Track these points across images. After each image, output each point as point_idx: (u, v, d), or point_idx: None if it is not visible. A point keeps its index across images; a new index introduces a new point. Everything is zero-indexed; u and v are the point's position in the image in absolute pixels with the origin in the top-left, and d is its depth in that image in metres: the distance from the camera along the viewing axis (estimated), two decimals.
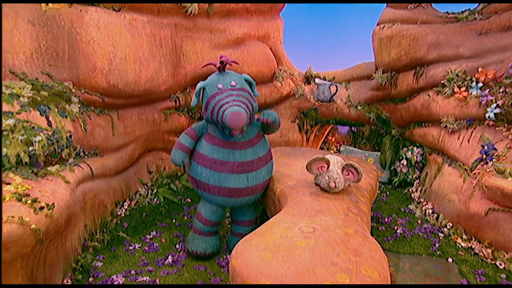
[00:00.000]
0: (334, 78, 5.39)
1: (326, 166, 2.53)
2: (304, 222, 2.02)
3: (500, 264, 2.70)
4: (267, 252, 1.78)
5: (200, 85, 2.63)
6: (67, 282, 2.40)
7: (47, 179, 2.44)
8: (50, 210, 2.09)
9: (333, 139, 5.91)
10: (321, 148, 5.80)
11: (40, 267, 2.13)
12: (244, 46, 4.60)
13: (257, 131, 2.74)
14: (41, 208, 2.03)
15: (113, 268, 2.73)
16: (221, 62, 2.60)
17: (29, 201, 2.02)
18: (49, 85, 3.03)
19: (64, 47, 3.17)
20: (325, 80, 5.34)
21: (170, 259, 2.88)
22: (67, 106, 3.06)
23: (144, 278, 2.60)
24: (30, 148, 2.47)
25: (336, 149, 5.80)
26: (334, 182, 2.45)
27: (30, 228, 1.90)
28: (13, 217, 1.86)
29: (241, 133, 2.52)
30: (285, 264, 1.67)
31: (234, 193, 2.69)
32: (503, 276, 2.60)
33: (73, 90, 3.17)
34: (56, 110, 2.94)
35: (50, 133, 2.69)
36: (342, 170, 2.51)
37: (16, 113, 2.62)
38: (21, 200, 2.03)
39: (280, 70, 5.01)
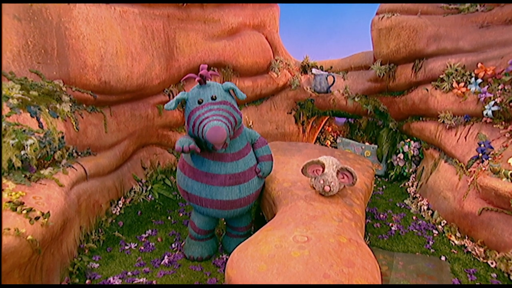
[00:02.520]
0: (331, 67, 5.38)
1: (321, 169, 2.58)
2: (298, 231, 2.09)
3: (492, 263, 2.81)
4: (262, 263, 1.85)
5: (181, 95, 2.57)
6: None
7: (41, 183, 2.47)
8: (46, 219, 2.14)
9: (330, 129, 5.96)
10: (318, 138, 5.86)
11: (37, 274, 2.20)
12: (239, 36, 4.56)
13: (246, 141, 2.75)
14: (37, 218, 2.07)
15: (109, 270, 2.81)
16: (201, 76, 2.54)
17: (24, 211, 2.06)
18: (39, 84, 3.02)
19: (52, 43, 3.13)
20: (322, 69, 5.33)
21: (166, 259, 2.96)
22: (58, 106, 3.06)
23: (141, 280, 2.68)
24: (22, 152, 2.50)
25: (333, 139, 5.85)
26: (329, 186, 2.50)
27: (26, 239, 1.95)
28: (9, 229, 1.91)
29: (224, 147, 2.51)
30: (279, 277, 1.74)
31: (227, 205, 2.72)
32: (494, 275, 2.72)
33: (64, 89, 3.16)
34: (47, 110, 2.94)
35: (41, 135, 2.71)
36: (337, 173, 2.57)
37: (6, 116, 2.62)
38: (16, 210, 2.07)
39: (276, 60, 4.99)
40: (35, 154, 2.57)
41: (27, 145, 2.52)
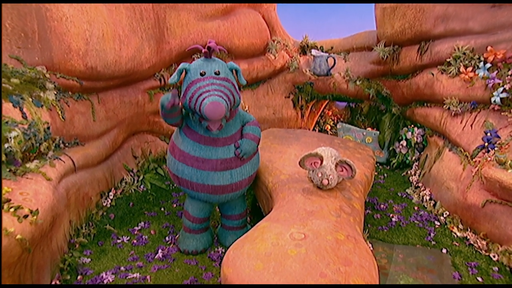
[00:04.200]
0: (332, 48, 5.36)
1: (319, 161, 2.62)
2: (295, 228, 2.15)
3: (494, 256, 2.91)
4: (258, 261, 1.91)
5: (183, 65, 2.64)
6: (55, 283, 2.55)
7: (27, 178, 2.51)
8: (35, 217, 2.18)
9: (330, 113, 5.98)
10: (317, 122, 5.89)
11: (27, 272, 2.26)
12: (234, 16, 4.51)
13: (239, 125, 2.80)
14: (25, 216, 2.11)
15: (101, 265, 2.88)
16: (208, 48, 2.61)
17: (12, 209, 2.10)
18: (20, 71, 2.99)
19: (33, 26, 3.08)
20: (322, 50, 5.31)
21: (160, 253, 3.04)
22: (42, 94, 3.05)
23: (135, 275, 2.76)
24: (6, 145, 2.51)
25: (333, 123, 5.89)
26: (327, 179, 2.55)
27: (15, 238, 1.99)
28: None
29: (219, 129, 2.57)
30: (275, 276, 1.81)
31: (219, 190, 2.78)
32: (496, 268, 2.82)
33: (47, 75, 3.14)
34: (30, 99, 2.94)
35: (26, 126, 2.72)
36: (336, 166, 2.61)
37: None
38: (3, 208, 2.11)
39: (274, 41, 4.96)
40: (19, 146, 2.58)
41: (10, 138, 2.54)
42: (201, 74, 2.54)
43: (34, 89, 3.02)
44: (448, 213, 3.45)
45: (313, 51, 5.16)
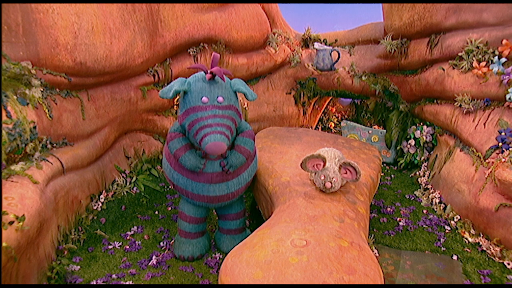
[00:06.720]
0: (336, 40, 5.35)
1: (322, 163, 2.63)
2: (296, 234, 2.15)
3: (508, 264, 2.91)
4: (258, 270, 1.92)
5: (181, 86, 2.57)
6: None
7: (12, 181, 2.51)
8: (21, 223, 2.18)
9: (334, 110, 5.99)
10: (320, 120, 5.90)
11: (12, 282, 2.26)
12: (232, 7, 4.50)
13: (235, 135, 2.83)
14: (11, 222, 2.12)
15: (92, 272, 2.89)
16: (212, 74, 2.59)
17: None
18: (4, 67, 2.99)
19: (16, 18, 3.06)
20: (325, 43, 5.30)
21: (154, 259, 3.04)
22: (27, 91, 3.05)
23: (127, 283, 2.77)
24: None
25: (337, 121, 5.90)
26: (331, 182, 2.56)
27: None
28: None
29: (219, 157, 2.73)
30: (276, 285, 1.82)
31: (214, 200, 2.87)
32: (510, 277, 2.82)
33: (33, 71, 3.13)
34: (15, 97, 2.93)
35: (10, 126, 2.72)
36: (340, 168, 2.61)
37: None
38: None
39: (274, 34, 4.96)
40: (4, 148, 2.59)
41: None
42: (203, 102, 2.54)
43: (19, 86, 3.02)
44: (459, 217, 3.46)
45: (316, 44, 5.15)
